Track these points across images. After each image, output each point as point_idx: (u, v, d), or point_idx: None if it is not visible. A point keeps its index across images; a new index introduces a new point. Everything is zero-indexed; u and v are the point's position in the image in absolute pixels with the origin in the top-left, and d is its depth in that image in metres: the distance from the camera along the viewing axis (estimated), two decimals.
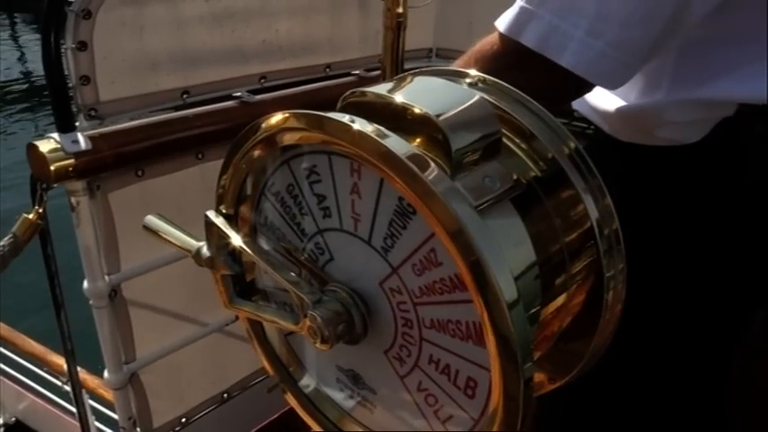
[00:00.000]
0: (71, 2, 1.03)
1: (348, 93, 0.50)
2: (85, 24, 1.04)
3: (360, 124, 0.43)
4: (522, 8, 0.56)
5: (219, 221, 0.57)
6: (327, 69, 1.49)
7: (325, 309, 0.48)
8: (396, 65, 1.22)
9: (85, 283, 1.18)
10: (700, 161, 0.65)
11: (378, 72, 1.43)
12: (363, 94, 0.49)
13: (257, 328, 0.63)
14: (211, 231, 0.58)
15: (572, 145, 0.51)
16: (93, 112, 1.09)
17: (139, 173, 1.17)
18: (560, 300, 0.53)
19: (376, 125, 0.44)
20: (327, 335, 0.48)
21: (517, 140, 0.52)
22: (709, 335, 0.70)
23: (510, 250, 0.46)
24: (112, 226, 1.17)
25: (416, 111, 0.45)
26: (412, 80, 0.53)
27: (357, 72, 1.55)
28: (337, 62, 1.50)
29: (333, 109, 0.50)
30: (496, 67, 0.58)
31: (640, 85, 0.64)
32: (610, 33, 0.53)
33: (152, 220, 0.66)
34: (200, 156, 1.26)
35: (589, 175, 0.50)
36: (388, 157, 0.41)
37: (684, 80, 0.61)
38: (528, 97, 0.52)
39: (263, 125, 0.50)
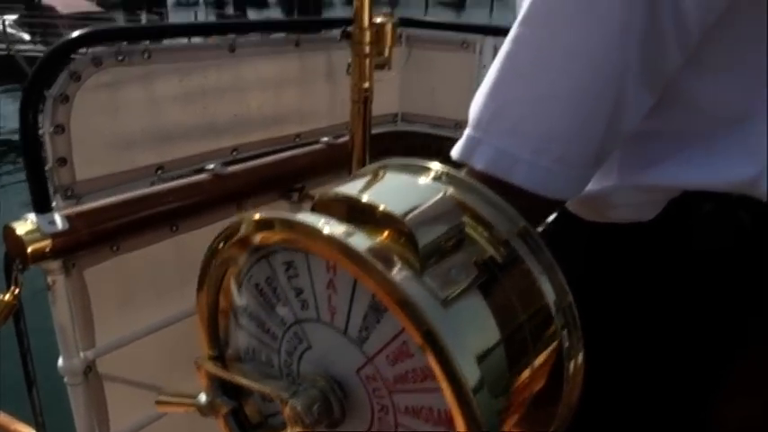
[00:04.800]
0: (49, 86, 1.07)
1: (319, 195, 0.54)
2: (63, 108, 1.07)
3: (329, 227, 0.47)
4: (468, 135, 0.61)
5: (210, 367, 0.62)
6: (297, 138, 1.55)
7: (304, 396, 0.51)
8: (364, 135, 1.27)
9: (60, 361, 1.18)
10: (655, 237, 0.70)
11: (346, 138, 1.49)
12: (334, 195, 0.53)
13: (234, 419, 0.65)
14: (204, 378, 0.63)
15: (524, 228, 0.55)
16: (69, 192, 1.11)
17: (115, 248, 1.19)
18: (527, 372, 0.57)
19: (345, 226, 0.48)
20: (307, 421, 0.50)
21: (476, 227, 0.56)
22: (677, 395, 0.74)
23: (475, 334, 0.50)
24: (87, 302, 1.18)
25: (383, 210, 0.50)
26: (378, 177, 0.57)
27: (326, 139, 1.61)
28: (307, 131, 1.56)
29: (302, 177, 0.54)
30: None
31: None
32: (553, 150, 0.57)
33: (163, 398, 0.70)
34: (174, 228, 1.29)
35: (542, 255, 0.54)
36: (358, 261, 0.45)
37: (630, 167, 0.66)
38: (482, 185, 0.56)
39: (236, 230, 0.53)
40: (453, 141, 0.63)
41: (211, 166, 1.34)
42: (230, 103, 1.36)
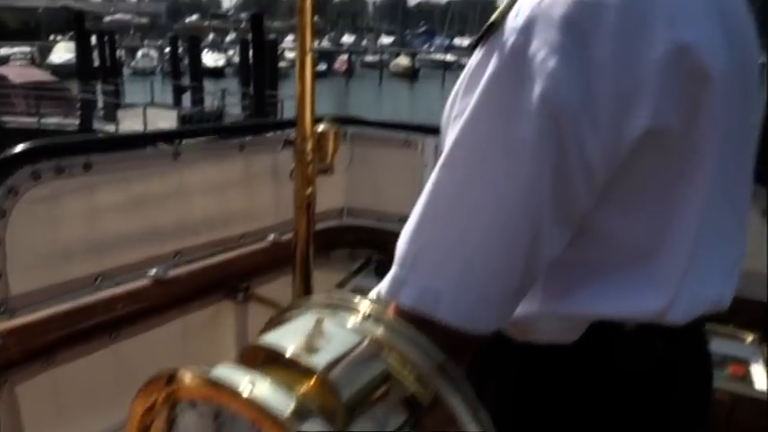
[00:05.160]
0: None
1: (245, 348, 0.55)
2: None
3: (251, 388, 0.48)
4: (395, 273, 0.64)
5: None
6: (242, 238, 1.56)
7: None
8: (307, 236, 1.29)
9: None
10: (580, 358, 0.72)
11: (291, 235, 1.51)
12: (260, 346, 0.55)
13: None
14: None
15: (445, 364, 0.57)
16: (2, 308, 1.09)
17: (49, 362, 1.16)
18: None
19: (268, 384, 0.49)
20: None
21: (402, 367, 0.58)
22: None
23: None
24: (18, 419, 1.13)
25: (306, 366, 0.51)
26: (305, 323, 0.59)
27: (271, 237, 1.62)
28: (252, 231, 1.57)
29: (248, 276, 0.55)
30: None
31: None
32: (474, 288, 0.61)
33: None
34: (113, 336, 1.26)
35: (464, 391, 0.56)
36: (280, 426, 0.46)
37: (550, 295, 0.70)
38: (406, 325, 0.58)
39: (162, 383, 0.53)
40: (397, 235, 0.65)
41: (153, 272, 1.33)
42: (174, 208, 1.37)
